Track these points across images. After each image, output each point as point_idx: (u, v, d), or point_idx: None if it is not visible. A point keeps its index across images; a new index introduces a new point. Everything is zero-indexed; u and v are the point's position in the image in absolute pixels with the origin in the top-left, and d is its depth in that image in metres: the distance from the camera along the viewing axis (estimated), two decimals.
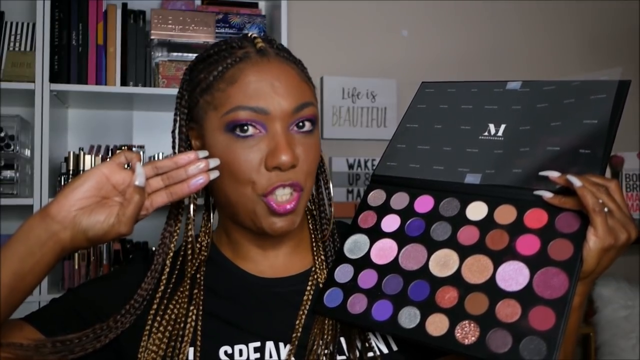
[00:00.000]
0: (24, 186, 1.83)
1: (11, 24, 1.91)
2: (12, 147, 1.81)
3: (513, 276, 0.69)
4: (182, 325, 0.76)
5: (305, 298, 0.80)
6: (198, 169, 0.71)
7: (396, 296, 0.74)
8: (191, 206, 0.77)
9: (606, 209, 0.66)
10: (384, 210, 0.84)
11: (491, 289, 0.69)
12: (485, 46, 2.46)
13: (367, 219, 0.84)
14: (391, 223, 0.82)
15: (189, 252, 0.81)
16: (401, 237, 0.79)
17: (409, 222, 0.80)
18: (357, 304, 0.76)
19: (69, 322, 0.75)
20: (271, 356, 0.74)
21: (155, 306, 0.77)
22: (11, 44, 1.89)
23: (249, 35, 0.80)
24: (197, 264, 0.82)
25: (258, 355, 0.74)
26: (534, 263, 0.69)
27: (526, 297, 0.67)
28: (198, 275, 0.81)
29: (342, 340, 0.77)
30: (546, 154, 0.75)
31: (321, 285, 0.81)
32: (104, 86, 1.87)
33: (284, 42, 1.94)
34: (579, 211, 0.69)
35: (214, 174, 0.72)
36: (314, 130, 0.77)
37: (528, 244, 0.70)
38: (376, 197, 0.86)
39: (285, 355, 0.74)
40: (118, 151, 1.96)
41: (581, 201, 0.67)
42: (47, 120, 1.75)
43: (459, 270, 0.73)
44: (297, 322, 0.77)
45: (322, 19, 2.30)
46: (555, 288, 0.66)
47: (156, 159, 1.98)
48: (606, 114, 0.74)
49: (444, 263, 0.74)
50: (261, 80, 0.74)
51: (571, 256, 0.67)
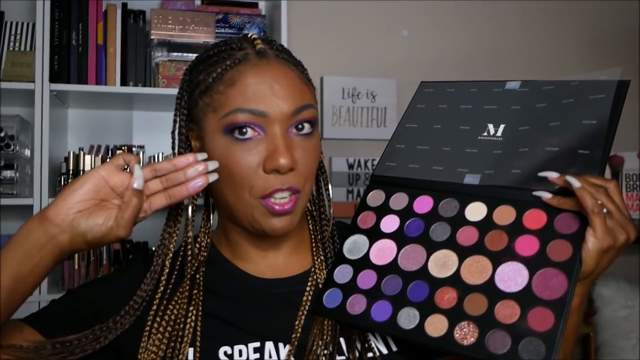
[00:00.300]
0: (24, 186, 1.83)
1: (11, 24, 1.91)
2: (12, 147, 1.81)
3: (512, 277, 0.69)
4: (181, 325, 0.76)
5: (305, 299, 0.80)
6: (197, 172, 0.70)
7: (395, 297, 0.74)
8: (190, 207, 0.77)
9: (605, 210, 0.66)
10: (383, 210, 0.83)
11: (490, 289, 0.69)
12: (485, 46, 2.46)
13: (366, 220, 0.84)
14: (390, 223, 0.82)
15: (189, 252, 0.81)
16: (400, 238, 0.79)
17: (408, 223, 0.80)
18: (356, 304, 0.76)
19: (69, 324, 0.75)
20: (270, 356, 0.74)
21: (155, 307, 0.77)
22: (11, 44, 1.89)
23: (249, 36, 0.79)
24: (196, 264, 0.82)
25: (257, 355, 0.74)
26: (533, 264, 0.69)
27: (525, 298, 0.67)
28: (198, 276, 0.81)
29: (342, 340, 0.77)
30: (545, 154, 0.75)
31: (321, 286, 0.81)
32: (104, 86, 1.87)
33: (284, 42, 1.94)
34: (578, 212, 0.69)
35: (213, 177, 0.72)
36: (314, 132, 0.77)
37: (527, 245, 0.70)
38: (375, 197, 0.86)
39: (285, 356, 0.74)
40: (118, 152, 1.96)
41: (580, 202, 0.66)
42: (47, 120, 1.75)
43: (458, 271, 0.73)
44: (297, 322, 0.77)
45: (322, 19, 2.30)
46: (554, 289, 0.66)
47: (156, 159, 1.98)
48: (605, 114, 0.74)
49: (443, 264, 0.74)
50: (260, 82, 0.73)
51: (570, 257, 0.67)
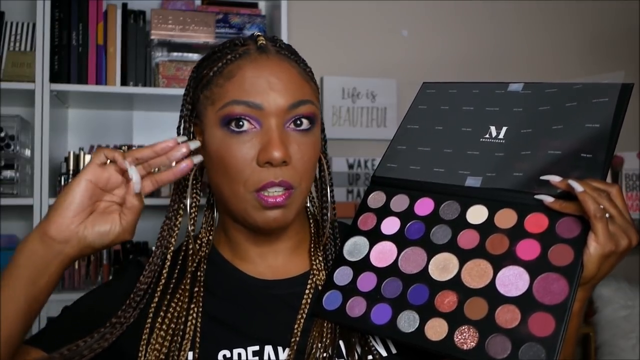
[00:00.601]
0: (24, 186, 1.83)
1: (11, 24, 1.90)
2: (12, 147, 1.81)
3: (513, 281, 0.68)
4: (182, 326, 0.76)
5: (304, 301, 0.79)
6: (181, 153, 0.72)
7: (395, 300, 0.74)
8: (188, 199, 0.78)
9: (607, 215, 0.66)
10: (383, 212, 0.83)
11: (491, 294, 0.69)
12: (486, 46, 2.46)
13: (366, 221, 0.84)
14: (391, 225, 0.81)
15: (190, 247, 0.82)
16: (401, 240, 0.79)
17: (408, 225, 0.80)
18: (356, 307, 0.76)
19: (72, 336, 0.75)
20: None
21: (156, 300, 0.78)
22: (11, 44, 1.89)
23: (254, 34, 0.81)
24: (197, 261, 0.82)
25: (257, 359, 0.74)
26: (534, 268, 0.68)
27: (526, 302, 0.66)
28: (199, 273, 0.81)
29: (341, 343, 0.76)
30: (547, 157, 0.74)
31: (320, 288, 0.81)
32: (104, 86, 1.87)
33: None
34: (580, 216, 0.68)
35: (197, 159, 0.75)
36: (313, 130, 0.76)
37: (528, 249, 0.70)
38: (376, 199, 0.85)
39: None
40: (96, 147, 1.96)
41: (582, 206, 0.66)
42: (47, 120, 1.75)
43: (458, 275, 0.72)
44: (296, 326, 0.76)
45: (322, 19, 2.30)
46: (555, 294, 0.65)
47: None
48: (608, 118, 0.73)
49: (443, 267, 0.74)
50: (258, 76, 0.74)
51: (572, 262, 0.67)
